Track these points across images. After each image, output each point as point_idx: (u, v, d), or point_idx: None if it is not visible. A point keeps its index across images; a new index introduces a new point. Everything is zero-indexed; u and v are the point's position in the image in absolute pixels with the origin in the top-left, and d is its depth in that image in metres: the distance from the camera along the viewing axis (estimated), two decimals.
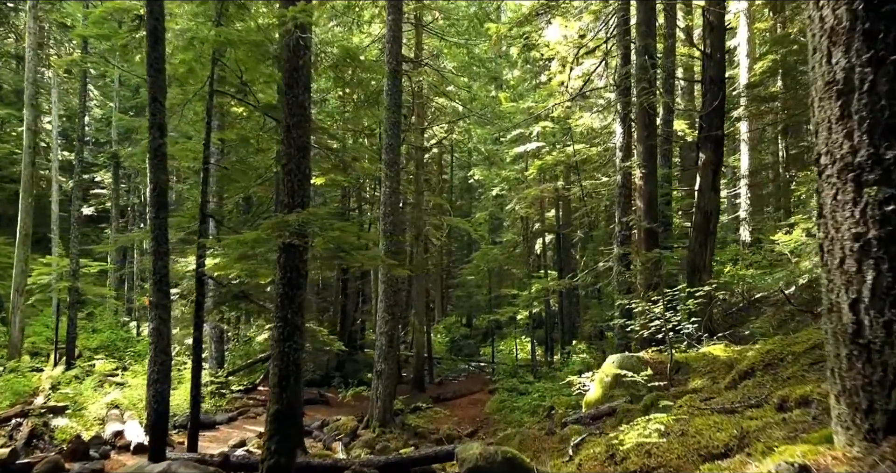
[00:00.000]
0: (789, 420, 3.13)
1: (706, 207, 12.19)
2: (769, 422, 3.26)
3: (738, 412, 4.03)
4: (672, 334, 8.61)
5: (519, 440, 7.40)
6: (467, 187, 41.16)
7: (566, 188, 23.16)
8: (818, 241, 2.54)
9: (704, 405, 4.76)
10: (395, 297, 14.64)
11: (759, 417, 3.51)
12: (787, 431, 2.94)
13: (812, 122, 2.62)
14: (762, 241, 24.49)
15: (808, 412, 3.17)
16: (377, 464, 8.16)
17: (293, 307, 6.93)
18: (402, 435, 14.24)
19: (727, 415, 4.01)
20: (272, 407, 6.75)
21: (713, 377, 7.45)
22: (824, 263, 2.51)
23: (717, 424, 3.53)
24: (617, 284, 12.97)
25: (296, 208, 6.92)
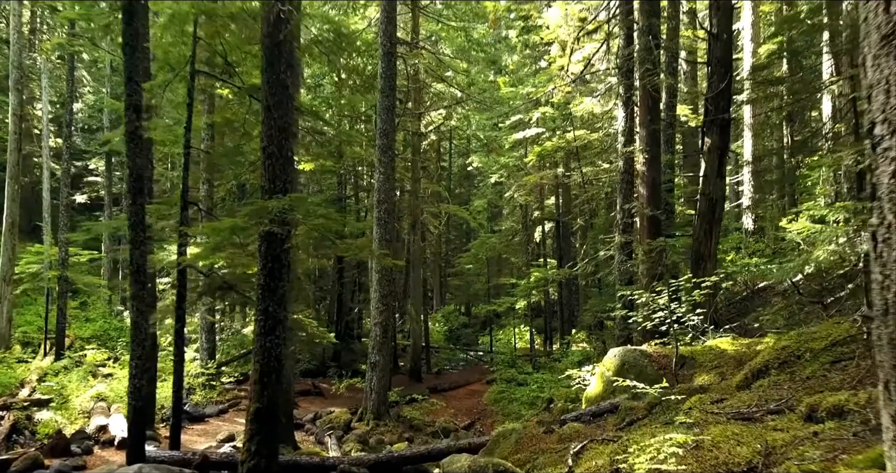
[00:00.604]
0: (823, 435, 2.71)
1: (711, 193, 11.73)
2: (798, 436, 2.84)
3: (758, 420, 3.61)
4: (676, 326, 8.19)
5: (515, 439, 7.01)
6: (466, 175, 40.66)
7: (566, 175, 22.69)
8: (871, 228, 2.10)
9: (717, 409, 4.35)
10: (390, 287, 14.23)
11: (785, 428, 3.09)
12: (824, 450, 2.53)
13: (864, 85, 2.18)
14: (765, 229, 24.14)
15: (845, 426, 2.75)
16: (367, 463, 7.78)
17: (275, 299, 6.51)
18: (397, 428, 13.90)
19: (745, 423, 3.60)
20: (252, 406, 6.35)
21: (721, 372, 7.05)
22: (878, 255, 2.08)
23: (737, 435, 3.12)
24: (618, 273, 12.54)
25: (277, 193, 6.48)
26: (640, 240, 12.27)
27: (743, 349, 7.68)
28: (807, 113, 23.95)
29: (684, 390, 6.46)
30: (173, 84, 9.77)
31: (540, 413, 15.20)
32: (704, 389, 6.34)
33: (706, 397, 5.00)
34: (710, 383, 6.70)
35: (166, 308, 9.17)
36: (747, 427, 3.36)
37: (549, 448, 6.27)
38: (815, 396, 3.30)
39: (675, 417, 5.07)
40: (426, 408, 15.54)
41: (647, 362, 8.00)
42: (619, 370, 8.11)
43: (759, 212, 21.33)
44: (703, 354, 7.95)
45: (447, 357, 27.75)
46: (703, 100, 12.09)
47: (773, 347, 5.49)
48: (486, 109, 28.59)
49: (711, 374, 7.08)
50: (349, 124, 25.44)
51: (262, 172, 6.66)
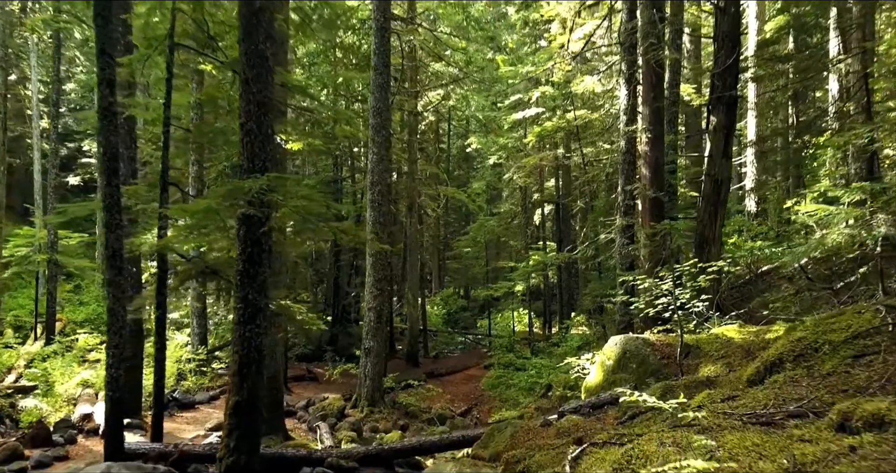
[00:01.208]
0: (862, 451, 2.32)
1: (717, 174, 11.28)
2: (831, 450, 2.45)
3: (779, 426, 3.22)
4: (680, 312, 7.80)
5: (510, 432, 6.65)
6: (465, 157, 40.13)
7: (566, 156, 22.20)
8: None
9: (729, 408, 3.96)
10: (385, 271, 13.85)
11: (813, 438, 2.70)
12: (867, 471, 2.14)
13: None
14: (768, 212, 23.71)
15: (887, 440, 2.36)
16: (356, 456, 7.44)
17: (255, 286, 6.11)
18: (392, 415, 13.61)
19: (765, 429, 3.21)
20: (231, 399, 5.97)
21: (728, 363, 6.67)
22: None
23: (758, 446, 2.73)
24: (619, 257, 12.14)
25: (256, 173, 6.05)
26: (642, 223, 11.85)
27: (751, 337, 7.30)
28: (811, 93, 23.42)
29: (690, 382, 6.09)
30: (153, 58, 9.29)
31: (538, 400, 14.91)
32: (711, 381, 5.96)
33: (716, 393, 4.61)
34: (718, 374, 6.32)
35: (147, 295, 8.78)
36: (768, 434, 2.96)
37: (546, 444, 5.90)
38: (848, 401, 2.90)
39: (682, 414, 4.68)
40: (422, 394, 15.24)
41: (650, 351, 7.62)
42: (620, 359, 7.75)
43: (767, 194, 20.88)
44: (708, 342, 7.57)
45: (445, 341, 27.47)
46: (710, 76, 11.59)
47: (787, 338, 5.10)
48: (485, 90, 28.01)
49: (718, 364, 6.70)
50: (346, 104, 24.91)
51: (240, 150, 6.23)
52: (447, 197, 27.32)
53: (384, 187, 13.64)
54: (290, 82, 8.45)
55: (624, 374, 7.64)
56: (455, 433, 7.67)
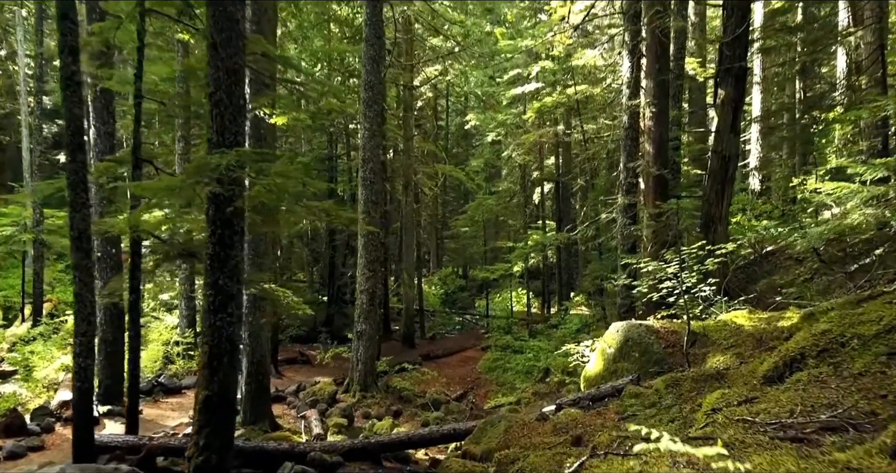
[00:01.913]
0: None
1: (724, 150, 10.72)
2: None
3: (814, 443, 2.74)
4: (686, 297, 7.32)
5: (504, 427, 6.21)
6: (464, 134, 39.42)
7: (566, 133, 21.57)
8: None
9: (748, 414, 3.47)
10: (377, 252, 13.36)
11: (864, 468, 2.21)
12: None
13: None
14: (772, 190, 23.16)
15: None
16: (341, 450, 7.01)
17: (226, 271, 5.61)
18: (385, 400, 13.22)
19: (797, 446, 2.73)
20: (201, 393, 5.51)
21: (739, 353, 6.20)
22: None
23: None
24: (621, 238, 11.64)
25: (227, 147, 5.51)
26: (644, 202, 11.33)
27: (762, 324, 6.83)
28: (818, 69, 22.73)
29: (698, 375, 5.62)
30: (125, 26, 8.67)
31: (535, 385, 14.51)
32: (722, 375, 5.49)
33: (731, 393, 4.13)
34: (728, 366, 5.85)
35: (119, 279, 8.29)
36: (804, 458, 2.48)
37: (542, 443, 5.45)
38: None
39: (693, 416, 4.22)
40: (416, 378, 14.84)
41: (654, 339, 7.16)
42: (622, 347, 7.29)
43: (776, 172, 20.30)
44: (716, 330, 7.10)
45: (443, 322, 27.09)
46: (718, 46, 10.97)
47: (809, 330, 4.61)
48: (484, 65, 27.22)
49: (728, 355, 6.22)
50: (342, 79, 24.19)
51: (209, 122, 5.68)
52: (445, 175, 26.70)
53: (377, 164, 13.08)
54: (272, 52, 7.86)
55: (626, 363, 7.18)
56: (446, 426, 7.24)
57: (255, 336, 10.14)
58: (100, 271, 10.84)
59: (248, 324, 10.17)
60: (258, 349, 10.18)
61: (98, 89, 10.57)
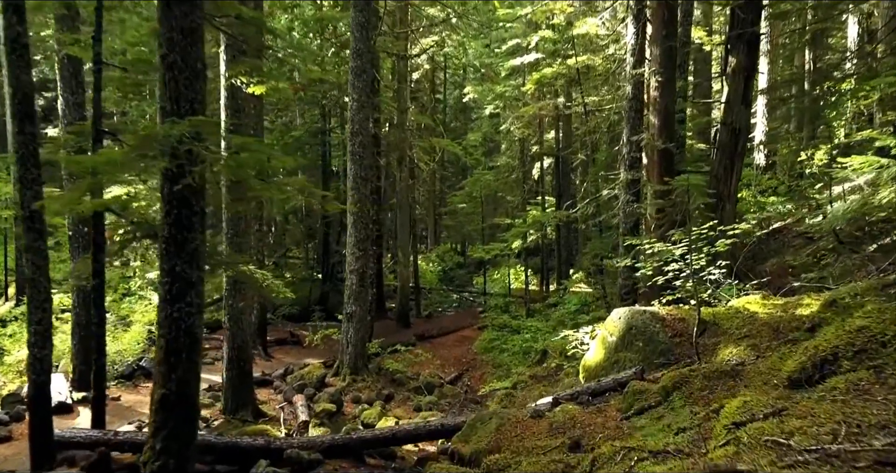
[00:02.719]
0: None
1: (734, 122, 10.08)
2: None
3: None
4: (694, 281, 6.75)
5: (496, 425, 5.67)
6: (462, 108, 38.52)
7: (567, 106, 20.78)
8: None
9: (780, 435, 2.90)
10: (367, 230, 12.74)
11: None
12: None
13: None
14: (777, 165, 22.46)
15: None
16: (319, 446, 6.49)
17: (184, 256, 5.02)
18: (376, 383, 12.74)
19: None
20: (157, 391, 4.96)
21: (754, 344, 5.64)
22: None
23: None
24: (623, 215, 11.02)
25: (182, 116, 4.87)
26: (648, 177, 10.69)
27: (778, 312, 6.26)
28: (826, 39, 21.88)
29: (710, 372, 5.06)
30: None
31: (532, 368, 14.01)
32: (737, 372, 4.93)
33: (753, 401, 3.55)
34: (743, 360, 5.29)
35: (86, 261, 7.68)
36: None
37: (537, 447, 4.92)
38: None
39: (708, 425, 3.66)
40: (410, 359, 14.34)
41: (659, 327, 6.59)
42: (625, 335, 6.73)
43: (783, 147, 19.60)
44: (727, 317, 6.53)
45: (439, 300, 26.61)
46: (730, 10, 10.24)
47: (842, 326, 4.03)
48: (482, 35, 26.29)
49: (742, 346, 5.67)
50: (335, 51, 23.31)
51: (161, 88, 5.03)
52: (443, 150, 25.95)
53: (366, 137, 12.40)
54: (247, 15, 7.15)
55: (628, 353, 6.63)
56: (433, 421, 6.73)
57: (236, 320, 9.59)
58: (72, 252, 10.28)
59: (229, 307, 9.63)
60: (239, 333, 9.63)
61: (64, 56, 9.85)
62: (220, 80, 9.57)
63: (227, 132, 9.25)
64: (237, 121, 9.23)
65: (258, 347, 14.88)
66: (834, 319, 5.05)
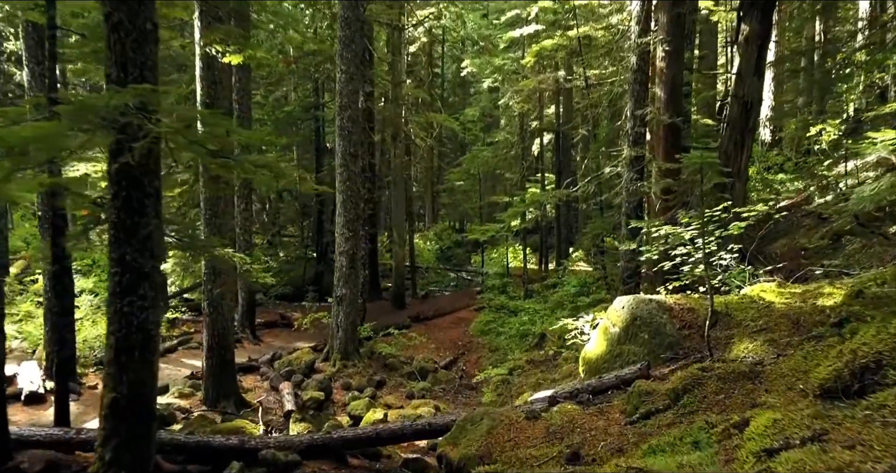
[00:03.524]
0: None
1: (746, 95, 9.44)
2: None
3: None
4: (706, 267, 6.20)
5: (487, 427, 5.16)
6: (461, 82, 37.68)
7: (567, 79, 20.03)
8: None
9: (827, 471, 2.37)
10: (357, 209, 12.16)
11: None
12: None
13: None
14: (783, 141, 21.77)
15: None
16: (297, 446, 6.01)
17: (135, 243, 4.46)
18: (368, 369, 12.27)
19: None
20: (107, 395, 4.44)
21: (772, 339, 5.11)
22: None
23: None
24: (626, 194, 10.43)
25: (131, 83, 4.26)
26: (654, 154, 10.09)
27: (796, 302, 5.72)
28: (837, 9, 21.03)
29: (725, 373, 4.53)
30: None
31: (530, 352, 13.54)
32: (756, 374, 4.40)
33: (786, 419, 3.02)
34: (761, 358, 4.76)
35: (47, 245, 7.13)
36: None
37: (531, 456, 4.41)
38: None
39: (729, 444, 3.16)
40: (403, 343, 13.87)
41: (666, 318, 6.05)
42: (629, 326, 6.19)
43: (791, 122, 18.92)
44: (741, 307, 5.99)
45: (436, 279, 26.13)
46: None
47: (884, 327, 3.49)
48: (480, 6, 25.43)
49: (758, 341, 5.13)
50: (329, 23, 22.47)
51: (106, 51, 4.41)
52: (441, 125, 25.22)
53: (355, 111, 11.74)
54: None
55: (632, 346, 6.10)
56: (420, 420, 6.23)
57: (216, 306, 9.06)
58: (41, 233, 9.71)
59: (208, 292, 9.10)
60: (220, 320, 9.11)
61: (28, 24, 9.17)
62: (196, 50, 8.91)
63: (202, 106, 8.64)
64: (214, 93, 8.59)
65: (246, 330, 14.41)
66: (864, 313, 4.51)
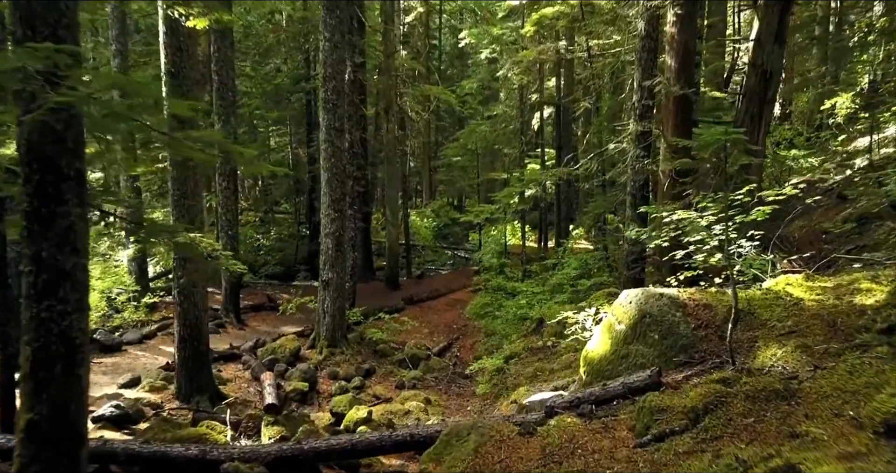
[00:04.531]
0: None
1: (765, 64, 8.63)
2: None
3: None
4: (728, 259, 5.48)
5: (474, 446, 4.50)
6: (459, 54, 36.52)
7: (569, 49, 19.07)
8: None
9: None
10: (343, 188, 11.40)
11: None
12: None
13: None
14: (793, 115, 20.90)
15: None
16: (265, 458, 5.37)
17: (52, 237, 3.74)
18: (356, 357, 11.65)
19: None
20: (23, 416, 3.76)
21: (805, 345, 4.42)
22: None
23: None
24: (631, 173, 9.66)
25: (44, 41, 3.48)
26: (663, 128, 9.30)
27: (829, 298, 5.01)
28: None
29: (754, 390, 3.84)
30: None
31: (528, 338, 12.90)
32: (792, 393, 3.71)
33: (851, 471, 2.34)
34: (794, 370, 4.07)
35: None
36: None
37: None
38: None
39: None
40: (395, 328, 13.22)
41: (680, 316, 5.35)
42: (637, 324, 5.50)
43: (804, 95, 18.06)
44: (764, 304, 5.29)
45: (433, 258, 25.45)
46: None
47: None
48: None
49: (788, 347, 4.44)
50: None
51: (10, 6, 3.64)
52: (438, 98, 24.27)
53: (340, 82, 10.91)
54: None
55: (641, 346, 5.41)
56: (401, 431, 5.57)
57: (188, 295, 8.37)
58: None
59: (178, 279, 8.40)
60: (192, 309, 8.43)
61: None
62: (159, 12, 8.07)
63: (167, 75, 7.84)
64: (179, 61, 7.77)
65: (230, 314, 13.75)
66: None
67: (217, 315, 13.78)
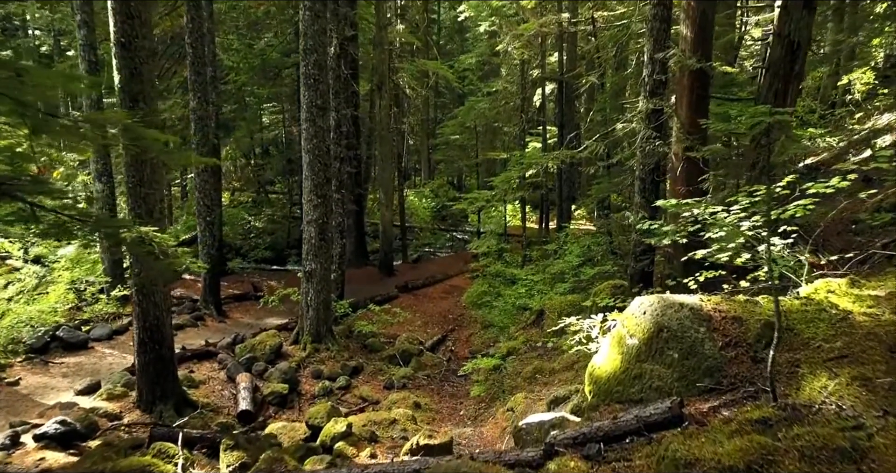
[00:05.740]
0: None
1: (793, 34, 7.66)
2: None
3: None
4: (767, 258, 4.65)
5: None
6: (459, 28, 35.30)
7: (572, 22, 17.98)
8: None
9: None
10: (326, 172, 10.48)
11: None
12: None
13: None
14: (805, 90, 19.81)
15: None
16: None
17: None
18: (343, 353, 10.88)
19: None
20: None
21: (862, 375, 3.58)
22: None
23: None
24: (641, 155, 8.75)
25: None
26: (677, 106, 8.38)
27: (884, 312, 4.17)
28: None
29: (812, 445, 3.00)
30: None
31: (528, 330, 12.10)
32: (862, 453, 2.87)
33: None
34: (859, 419, 3.23)
35: None
36: None
37: None
38: None
39: None
40: (386, 320, 12.44)
41: (704, 331, 4.50)
42: (652, 339, 4.66)
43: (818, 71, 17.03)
44: (804, 318, 4.44)
45: (430, 241, 24.61)
46: None
47: None
48: None
49: (842, 378, 3.60)
50: None
51: None
52: (437, 74, 23.19)
53: (322, 56, 9.95)
54: None
55: (657, 366, 4.58)
56: (372, 468, 4.76)
57: (147, 294, 7.54)
58: None
59: (136, 276, 7.56)
60: (152, 309, 7.60)
61: None
62: None
63: (117, 46, 6.92)
64: (130, 30, 6.83)
65: (210, 306, 12.95)
66: None
67: (196, 307, 12.99)
